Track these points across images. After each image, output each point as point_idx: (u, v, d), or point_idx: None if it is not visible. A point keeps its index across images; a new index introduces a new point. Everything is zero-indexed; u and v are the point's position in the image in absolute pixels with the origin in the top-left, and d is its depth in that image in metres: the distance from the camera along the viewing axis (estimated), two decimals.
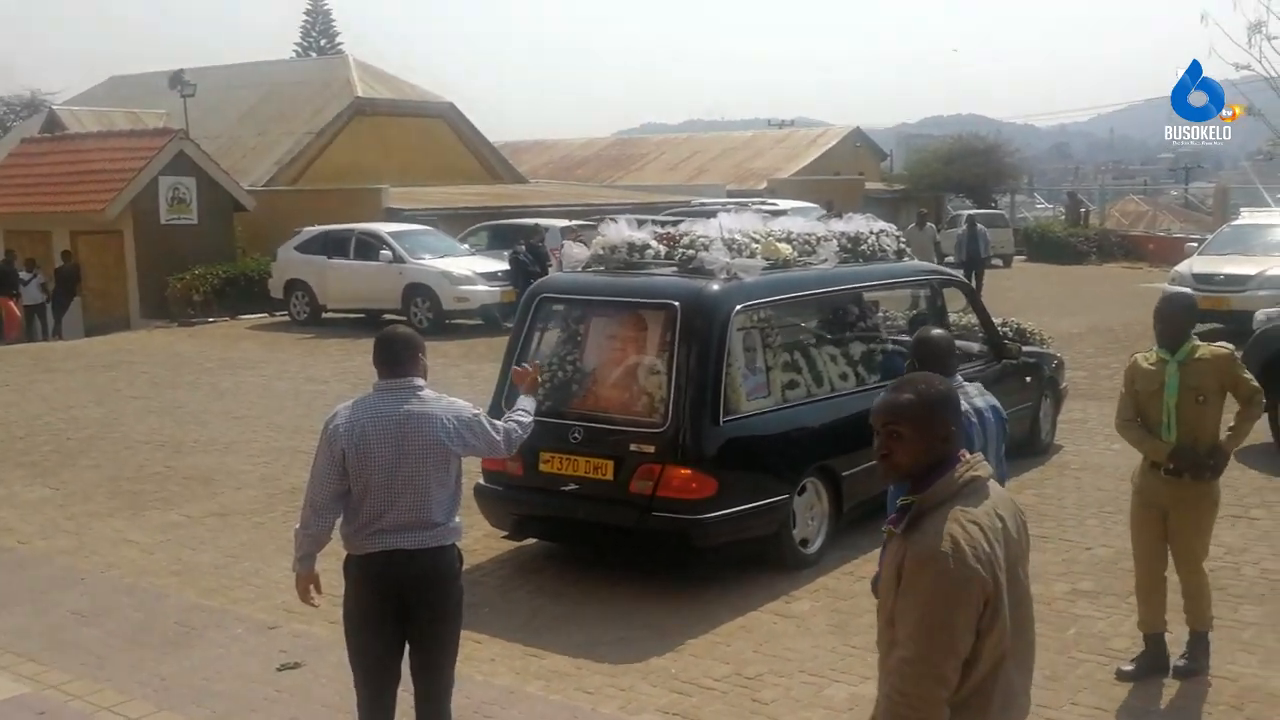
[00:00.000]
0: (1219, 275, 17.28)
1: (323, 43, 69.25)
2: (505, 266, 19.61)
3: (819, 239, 8.27)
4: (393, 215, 25.57)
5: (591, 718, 5.50)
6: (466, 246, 22.11)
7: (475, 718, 5.44)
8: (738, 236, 7.63)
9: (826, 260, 8.19)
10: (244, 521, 8.76)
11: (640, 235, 7.74)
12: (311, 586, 4.64)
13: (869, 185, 40.87)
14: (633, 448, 6.81)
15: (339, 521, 4.57)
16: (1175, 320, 5.71)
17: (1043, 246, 34.48)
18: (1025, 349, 10.24)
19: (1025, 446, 9.91)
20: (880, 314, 9.43)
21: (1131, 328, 18.67)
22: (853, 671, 5.94)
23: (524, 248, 19.57)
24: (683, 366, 6.83)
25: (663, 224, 10.19)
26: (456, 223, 26.17)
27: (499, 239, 22.74)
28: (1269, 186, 42.86)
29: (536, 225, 21.46)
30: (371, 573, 4.49)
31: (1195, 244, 19.36)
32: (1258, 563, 7.52)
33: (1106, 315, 20.80)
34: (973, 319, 10.01)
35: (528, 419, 5.03)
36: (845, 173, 42.89)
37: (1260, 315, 12.98)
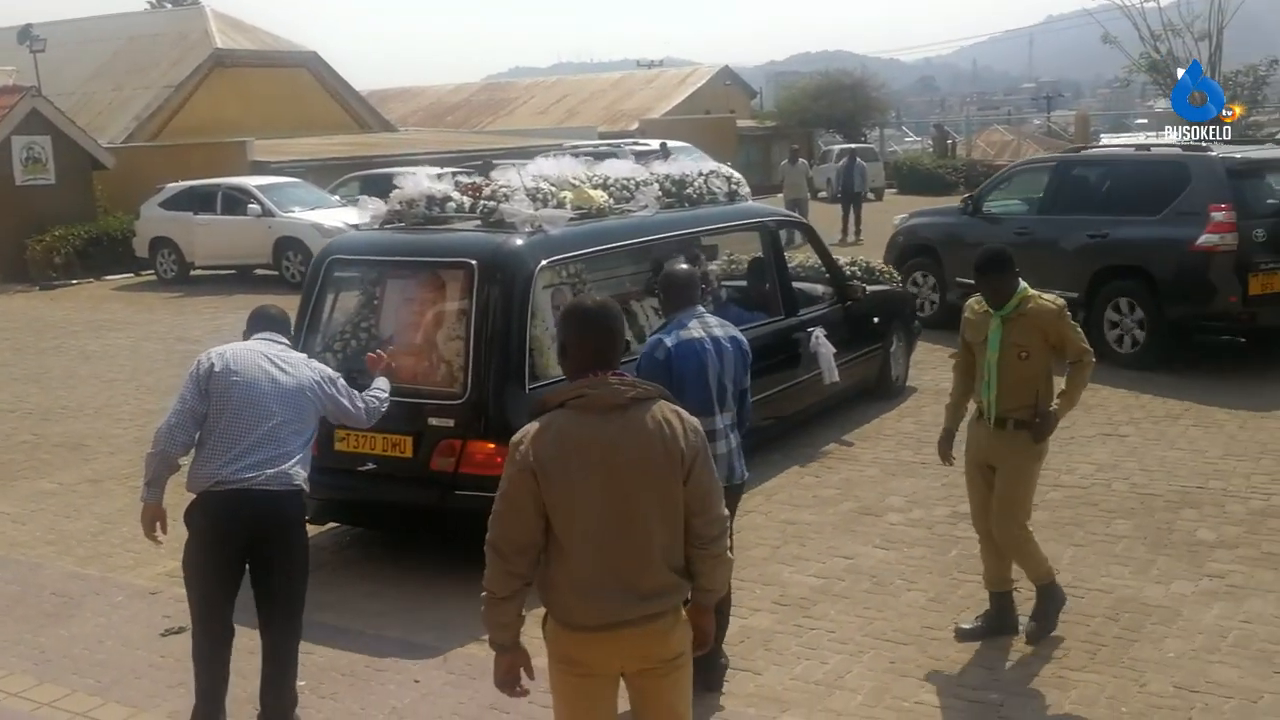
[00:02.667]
0: None
1: None
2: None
3: (638, 184, 7.67)
4: (258, 169, 24.94)
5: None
6: (337, 198, 21.60)
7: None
8: (544, 185, 7.00)
9: (647, 206, 7.57)
10: (119, 487, 8.50)
11: (440, 187, 7.14)
12: (158, 522, 4.67)
13: (740, 123, 41.10)
14: (431, 421, 6.20)
15: (189, 463, 4.61)
16: (989, 277, 5.28)
17: (912, 179, 35.12)
18: (874, 288, 9.93)
19: (878, 389, 9.89)
20: (718, 260, 9.11)
21: None
22: None
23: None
24: (482, 330, 6.20)
25: (469, 172, 9.99)
26: (325, 174, 25.58)
27: (370, 189, 22.13)
28: (1125, 112, 44.36)
29: (405, 176, 21.07)
30: (217, 510, 4.49)
31: None
32: (1128, 478, 7.81)
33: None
34: (816, 259, 9.71)
35: (384, 394, 5.28)
36: (716, 111, 43.06)
37: (895, 220, 14.74)
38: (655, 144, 28.06)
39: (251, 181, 20.70)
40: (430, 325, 6.56)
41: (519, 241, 6.47)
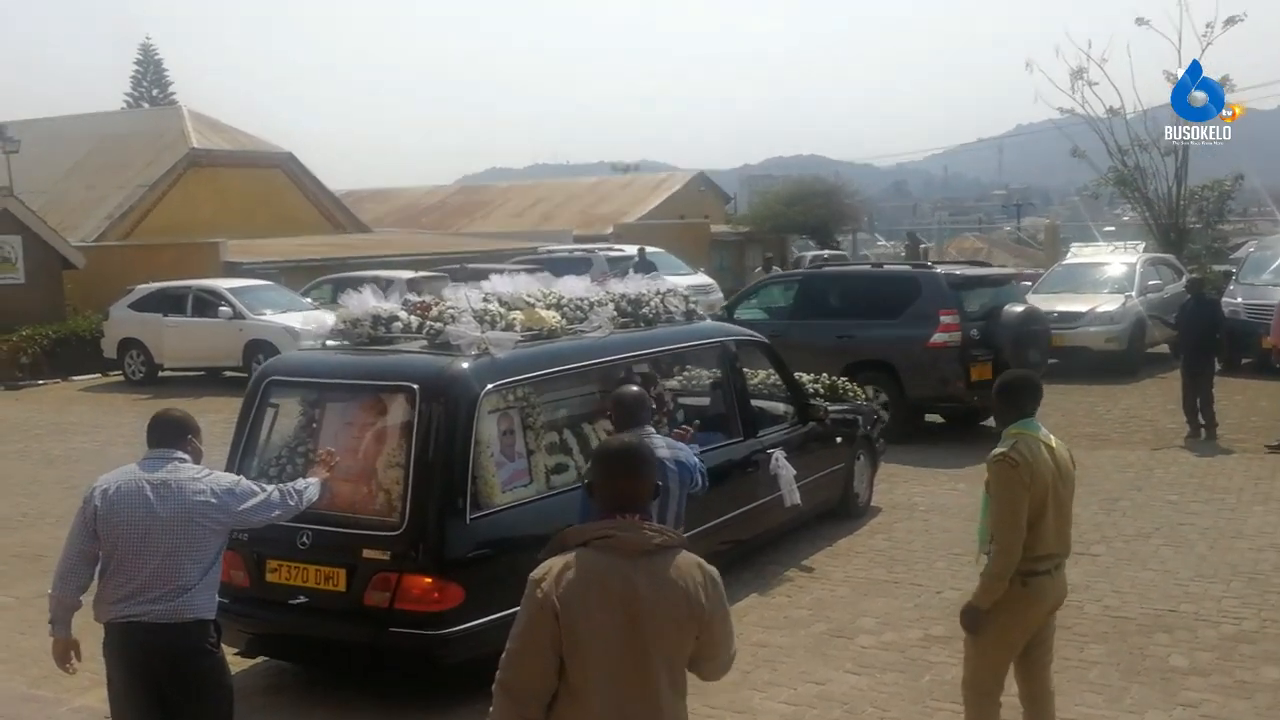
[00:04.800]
0: (1053, 313, 17.95)
1: (155, 92, 67.36)
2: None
3: (593, 304, 7.56)
4: (231, 269, 24.96)
5: None
6: (309, 300, 21.60)
7: None
8: (493, 306, 6.85)
9: (600, 327, 7.40)
10: None
11: (387, 306, 6.99)
12: (72, 653, 4.64)
13: (714, 228, 41.47)
14: (366, 554, 5.88)
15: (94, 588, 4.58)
16: (996, 402, 5.10)
17: None
18: (838, 407, 9.86)
19: (840, 509, 9.73)
20: (672, 381, 8.77)
21: None
22: None
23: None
24: (422, 458, 5.91)
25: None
26: (298, 275, 25.61)
27: (343, 292, 22.29)
28: (1095, 222, 45.13)
29: (377, 279, 21.11)
30: (119, 643, 4.50)
31: (1029, 283, 20.11)
32: (1099, 600, 7.75)
33: None
34: (776, 379, 9.51)
35: (305, 486, 5.14)
36: (690, 216, 43.47)
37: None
38: (630, 249, 28.35)
39: (223, 284, 20.67)
40: (369, 451, 6.24)
41: (464, 365, 6.26)
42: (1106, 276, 19.31)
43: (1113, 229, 47.00)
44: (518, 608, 5.54)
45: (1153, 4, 29.30)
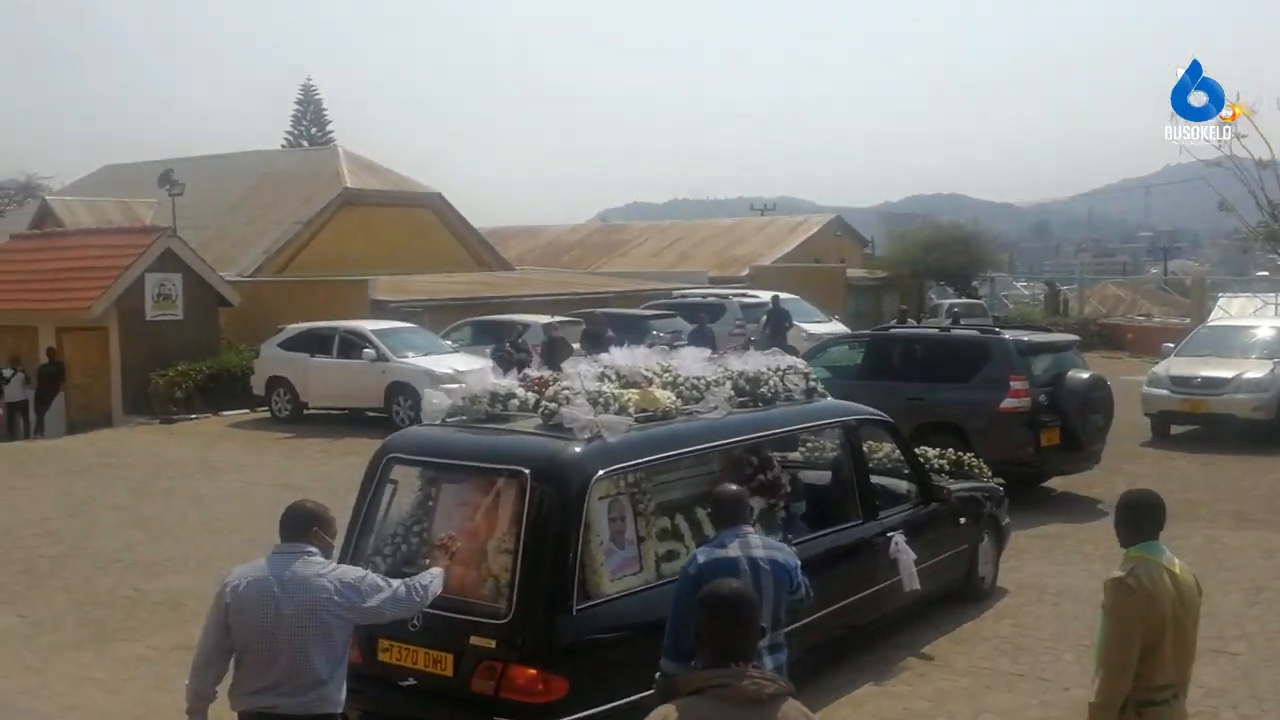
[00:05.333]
0: (1196, 378, 17.43)
1: (314, 130, 70.13)
2: (488, 364, 19.61)
3: (709, 383, 7.41)
4: (378, 307, 25.73)
5: None
6: (450, 343, 22.17)
7: None
8: (606, 387, 6.77)
9: (717, 408, 7.29)
10: None
11: (505, 383, 7.00)
12: None
13: (850, 273, 41.20)
14: (473, 640, 5.85)
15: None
16: (1117, 520, 4.96)
17: None
18: (963, 484, 9.68)
19: (965, 593, 9.50)
20: (789, 462, 8.64)
21: (1113, 426, 18.76)
22: None
23: (507, 345, 19.65)
24: (531, 545, 5.91)
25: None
26: (442, 314, 26.35)
27: (483, 334, 22.87)
28: (1247, 269, 43.33)
29: (515, 323, 21.56)
30: None
31: (1171, 345, 19.50)
32: (1236, 705, 7.43)
33: None
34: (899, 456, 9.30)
35: (430, 580, 5.23)
36: (826, 260, 43.29)
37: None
38: (764, 296, 28.36)
39: (368, 326, 21.32)
40: (481, 534, 6.25)
41: (576, 449, 6.20)
42: (1254, 340, 18.56)
43: (1266, 273, 45.14)
44: (628, 697, 5.70)
45: None
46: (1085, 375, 13.73)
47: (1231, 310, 31.27)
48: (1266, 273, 45.16)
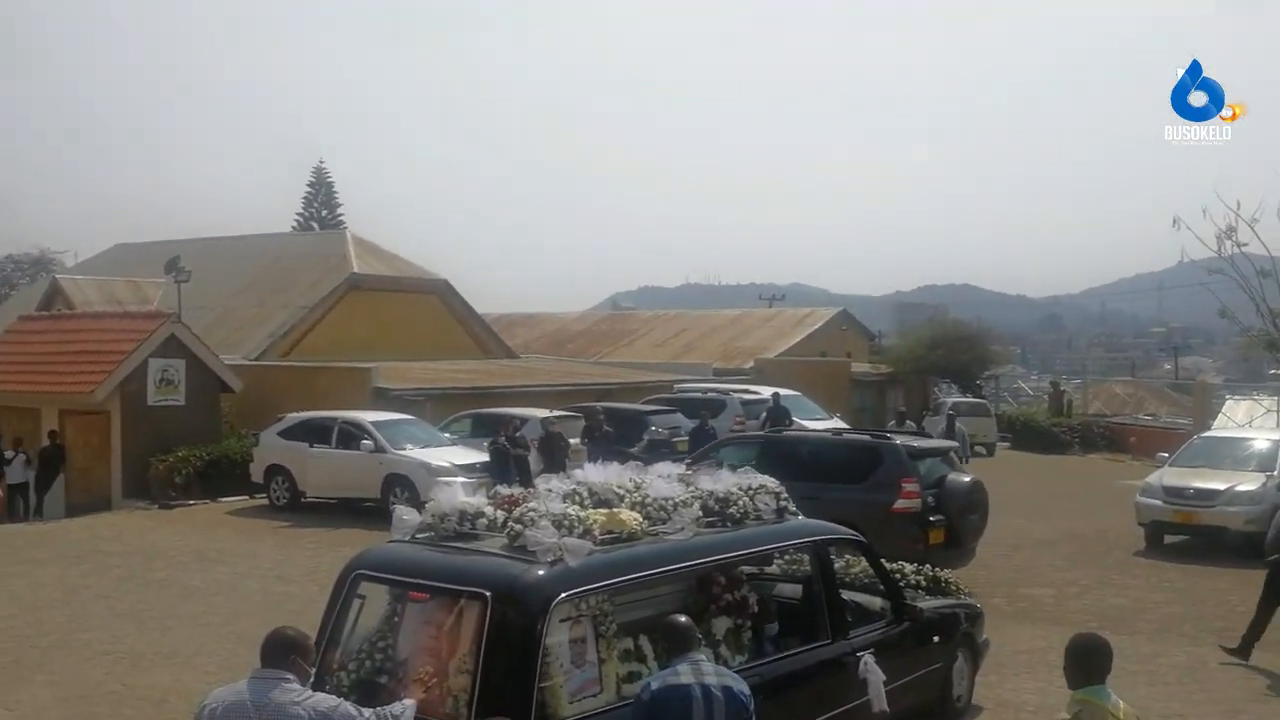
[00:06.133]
0: (1188, 489, 17.50)
1: (324, 213, 71.05)
2: (485, 458, 19.80)
3: (677, 504, 7.44)
4: (380, 394, 25.96)
5: None
6: (448, 435, 22.36)
7: None
8: (571, 509, 6.85)
9: (683, 529, 7.30)
10: None
11: (474, 501, 7.04)
12: None
13: (855, 367, 41.43)
14: None
15: None
16: (1066, 662, 5.16)
17: (1026, 435, 34.79)
18: (937, 602, 9.66)
19: (939, 711, 9.41)
20: (760, 577, 8.68)
21: (1105, 535, 18.82)
22: None
23: (504, 439, 19.82)
24: (490, 666, 5.95)
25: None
26: (444, 402, 26.56)
27: (482, 427, 23.03)
28: (1254, 381, 43.31)
29: (514, 418, 21.75)
30: None
31: (1166, 455, 19.61)
32: None
33: (1082, 519, 20.92)
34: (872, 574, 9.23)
35: (401, 711, 5.36)
36: (832, 352, 43.56)
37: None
38: (765, 392, 28.56)
39: (367, 416, 21.54)
40: (444, 652, 6.29)
41: (539, 572, 6.27)
42: (1248, 453, 18.65)
43: (1277, 372, 45.15)
44: None
45: None
46: (966, 479, 14.83)
47: (1236, 414, 31.37)
48: (1278, 370, 45.15)
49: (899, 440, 15.10)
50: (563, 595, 6.30)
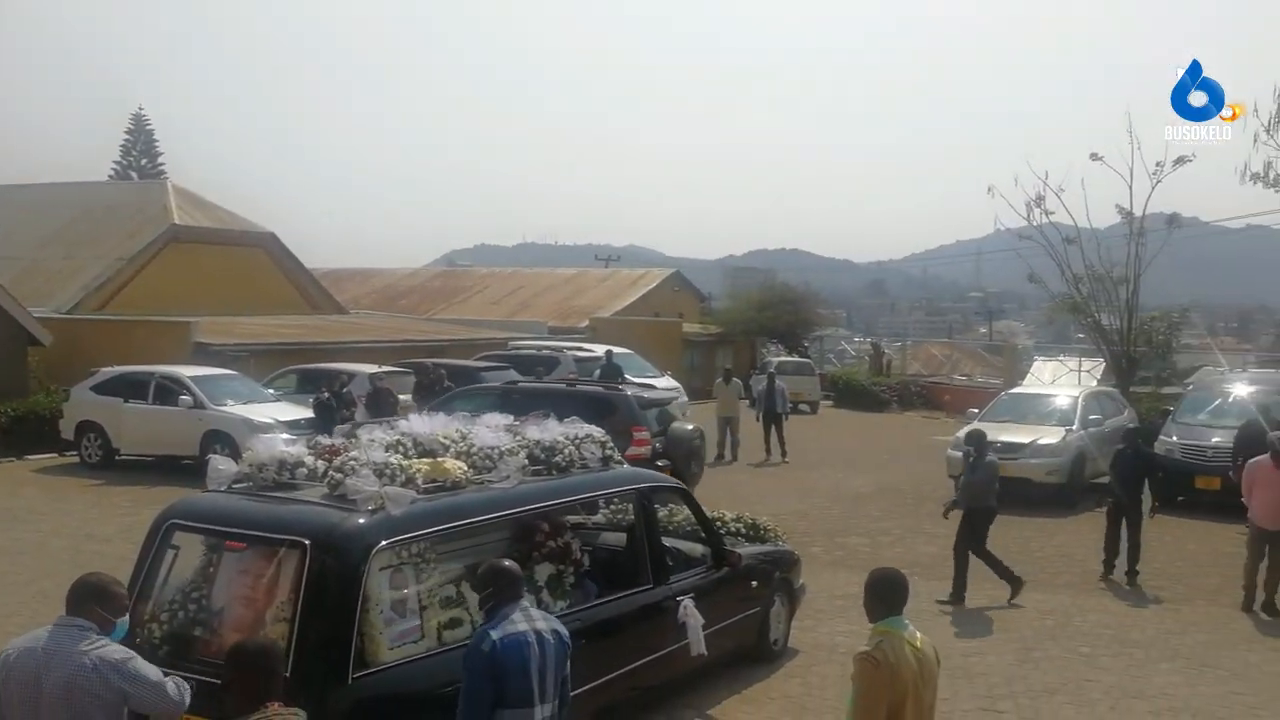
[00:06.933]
0: (995, 443, 18.28)
1: (144, 162, 68.14)
2: (309, 414, 19.42)
3: (503, 453, 7.54)
4: (201, 350, 25.17)
5: None
6: (272, 391, 21.82)
7: None
8: (394, 458, 6.88)
9: (508, 477, 7.43)
10: None
11: (294, 451, 6.98)
12: None
13: (686, 327, 42.00)
14: None
15: None
16: (866, 596, 5.39)
17: (848, 393, 35.86)
18: (756, 549, 9.96)
19: (754, 654, 9.74)
20: (581, 525, 8.84)
21: (920, 487, 19.60)
22: None
23: (327, 394, 19.49)
24: (307, 614, 5.94)
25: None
26: (269, 358, 25.90)
27: (307, 382, 22.54)
28: (1062, 343, 45.54)
29: (340, 373, 21.38)
30: None
31: (976, 410, 20.54)
32: None
33: (898, 472, 21.76)
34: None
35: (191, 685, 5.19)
36: (665, 313, 44.03)
37: None
38: (598, 350, 28.71)
39: (186, 371, 20.81)
40: (260, 602, 6.24)
41: (358, 521, 6.28)
42: (1050, 408, 19.73)
43: (1083, 336, 47.58)
44: None
45: (1108, 140, 29.90)
46: (689, 426, 16.24)
47: (1044, 374, 33.07)
48: (1083, 335, 47.55)
49: (629, 391, 16.20)
50: (383, 543, 6.33)
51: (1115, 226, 27.14)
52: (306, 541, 6.16)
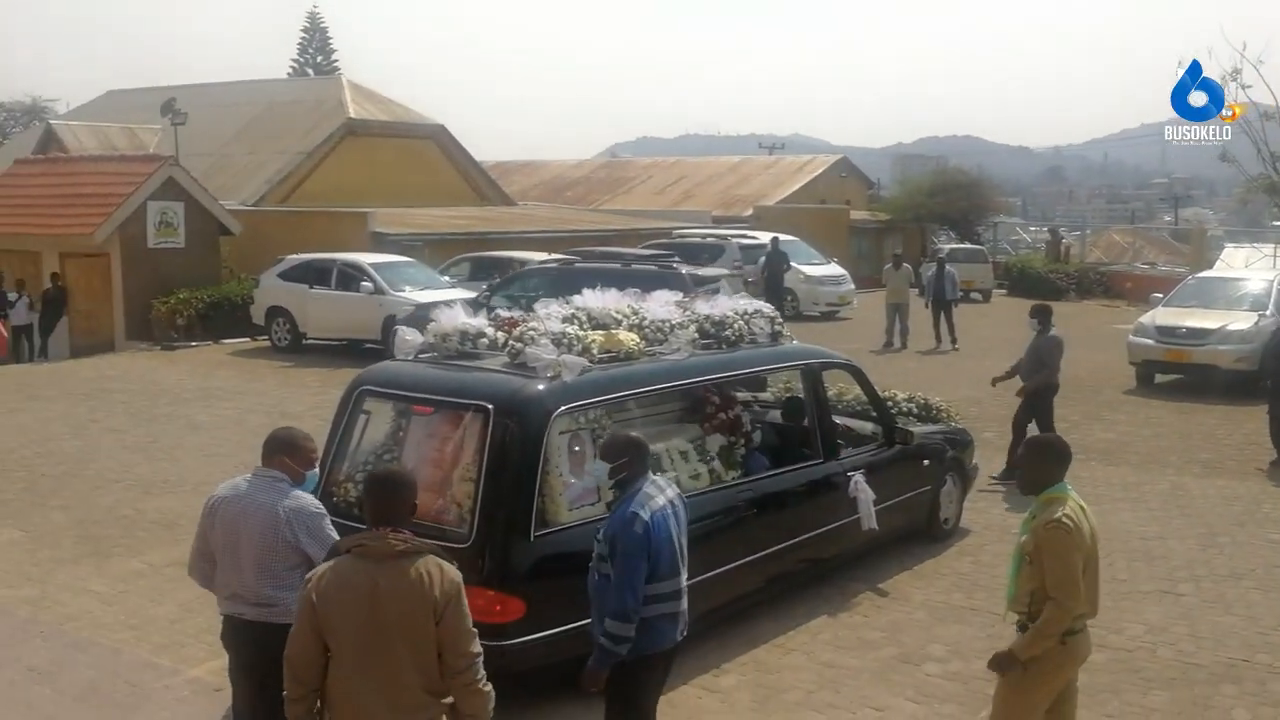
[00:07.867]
0: (1181, 328, 17.66)
1: (319, 59, 69.78)
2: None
3: (674, 326, 7.74)
4: (378, 239, 25.91)
5: None
6: (447, 278, 22.40)
7: None
8: (570, 329, 7.12)
9: (679, 350, 7.61)
10: None
11: (475, 323, 7.27)
12: None
13: (854, 215, 41.25)
14: None
15: None
16: (1027, 465, 5.27)
17: (1023, 281, 34.83)
18: (928, 428, 9.93)
19: (927, 532, 9.75)
20: (751, 404, 8.90)
21: (1097, 375, 19.02)
22: None
23: (500, 281, 19.91)
24: (492, 475, 6.24)
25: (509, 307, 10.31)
26: (442, 248, 26.57)
27: (480, 270, 23.08)
28: (1255, 228, 43.10)
29: (513, 260, 21.78)
30: (225, 632, 5.25)
31: (1160, 295, 19.72)
32: (1174, 643, 7.76)
33: (1075, 360, 21.06)
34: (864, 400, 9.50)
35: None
36: (831, 201, 43.31)
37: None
38: (764, 237, 28.50)
39: (366, 259, 21.52)
40: (447, 464, 6.55)
41: (538, 387, 6.53)
42: (1241, 293, 18.77)
43: (1278, 223, 44.99)
44: (577, 622, 6.02)
45: None
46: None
47: (1235, 261, 31.35)
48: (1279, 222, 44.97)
49: (684, 269, 16.50)
50: (562, 408, 6.58)
51: None
52: (490, 406, 6.45)
